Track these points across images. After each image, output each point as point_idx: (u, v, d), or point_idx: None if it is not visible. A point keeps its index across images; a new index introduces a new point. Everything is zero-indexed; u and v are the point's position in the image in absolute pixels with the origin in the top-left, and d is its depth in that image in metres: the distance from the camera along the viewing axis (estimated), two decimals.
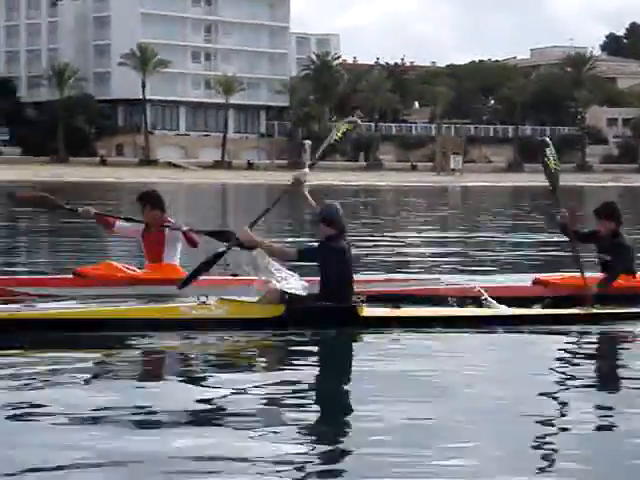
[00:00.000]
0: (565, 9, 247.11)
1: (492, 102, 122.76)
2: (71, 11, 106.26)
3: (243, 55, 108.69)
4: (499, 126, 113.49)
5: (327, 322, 8.73)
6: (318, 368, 7.78)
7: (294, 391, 6.72)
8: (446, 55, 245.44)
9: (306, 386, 6.98)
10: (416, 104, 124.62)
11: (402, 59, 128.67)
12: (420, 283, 11.00)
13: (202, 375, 7.22)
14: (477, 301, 9.66)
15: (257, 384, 6.87)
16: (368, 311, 8.88)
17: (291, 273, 9.14)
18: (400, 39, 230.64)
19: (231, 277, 10.90)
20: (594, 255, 10.83)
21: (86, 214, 11.11)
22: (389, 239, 20.34)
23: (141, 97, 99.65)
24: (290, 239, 17.78)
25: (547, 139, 10.80)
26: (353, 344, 8.50)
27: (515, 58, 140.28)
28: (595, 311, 9.51)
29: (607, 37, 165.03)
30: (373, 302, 9.13)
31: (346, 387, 7.09)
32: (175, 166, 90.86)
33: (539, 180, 12.55)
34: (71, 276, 10.78)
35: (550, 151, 10.43)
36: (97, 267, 10.91)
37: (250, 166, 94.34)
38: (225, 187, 61.82)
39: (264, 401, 6.44)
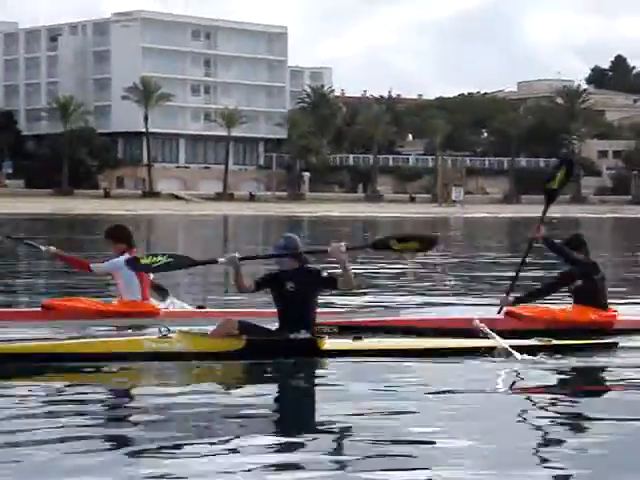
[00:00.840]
0: (538, 42, 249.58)
1: (485, 135, 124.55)
2: (70, 45, 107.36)
3: (242, 88, 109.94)
4: (494, 158, 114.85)
5: (287, 355, 8.73)
6: (278, 396, 7.91)
7: (253, 417, 6.90)
8: (426, 87, 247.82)
9: (265, 413, 7.15)
10: (410, 136, 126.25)
11: (389, 92, 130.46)
12: (382, 314, 11.26)
13: (162, 406, 7.20)
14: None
15: (218, 412, 6.99)
16: (329, 344, 8.92)
17: None
18: (381, 72, 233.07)
19: (198, 309, 11.18)
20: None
21: (50, 254, 11.39)
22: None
23: (141, 130, 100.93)
24: None
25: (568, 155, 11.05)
26: (312, 373, 8.55)
27: (503, 91, 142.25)
28: (555, 342, 9.53)
29: (592, 70, 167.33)
30: (343, 332, 9.62)
31: (306, 414, 7.22)
32: (178, 198, 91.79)
33: (537, 212, 12.65)
34: (39, 309, 10.90)
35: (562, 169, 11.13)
36: (65, 300, 11.11)
37: (252, 198, 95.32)
38: (228, 218, 62.50)
39: (224, 427, 6.50)
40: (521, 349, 9.13)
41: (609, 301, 10.90)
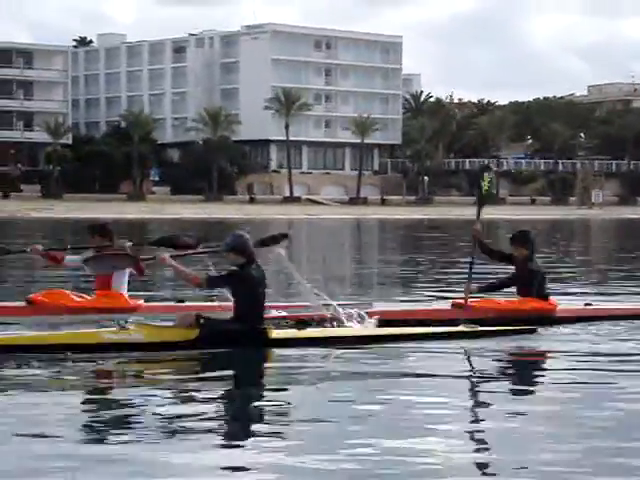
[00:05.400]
0: (539, 45, 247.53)
1: (582, 137, 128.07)
2: (198, 57, 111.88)
3: (359, 96, 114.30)
4: (603, 161, 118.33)
5: (238, 344, 9.26)
6: (230, 384, 8.32)
7: (206, 408, 7.12)
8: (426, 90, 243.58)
9: (217, 402, 7.46)
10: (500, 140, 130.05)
11: (451, 95, 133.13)
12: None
13: (117, 394, 7.63)
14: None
15: (170, 401, 7.31)
16: (277, 333, 9.57)
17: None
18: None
19: (178, 303, 11.44)
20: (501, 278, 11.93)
21: (35, 252, 11.71)
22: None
23: (268, 138, 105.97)
24: None
25: (491, 166, 12.46)
26: (262, 362, 9.14)
27: (573, 95, 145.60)
28: (481, 328, 10.27)
29: None
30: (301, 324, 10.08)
31: (258, 402, 7.53)
32: (316, 203, 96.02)
33: None
34: (24, 304, 11.15)
35: (489, 175, 11.70)
36: (49, 294, 11.31)
37: (383, 202, 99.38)
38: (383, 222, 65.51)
39: (176, 418, 6.70)
40: (449, 335, 10.10)
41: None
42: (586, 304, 12.02)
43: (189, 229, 40.19)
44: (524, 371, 9.12)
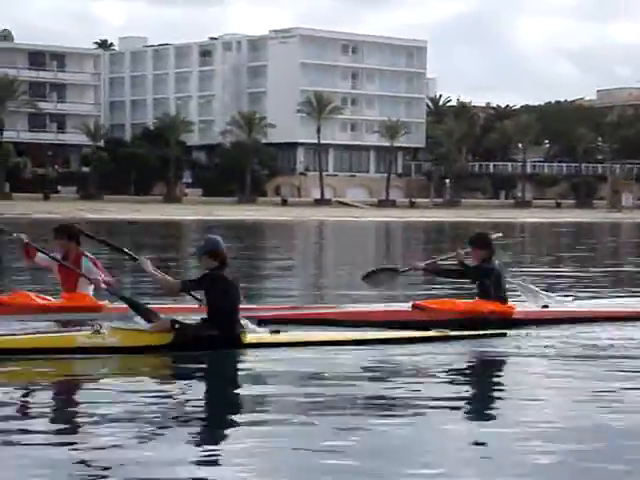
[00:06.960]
0: (528, 47, 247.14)
1: (600, 142, 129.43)
2: (227, 60, 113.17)
3: (384, 100, 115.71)
4: (626, 165, 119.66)
5: (213, 348, 9.27)
6: (203, 389, 8.29)
7: (177, 412, 7.11)
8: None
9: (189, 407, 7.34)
10: (519, 144, 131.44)
11: (458, 98, 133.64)
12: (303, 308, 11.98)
13: (91, 399, 7.41)
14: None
15: (144, 405, 7.14)
16: (251, 338, 9.54)
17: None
18: None
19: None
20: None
21: (18, 240, 11.52)
22: None
23: (296, 141, 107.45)
24: None
25: None
26: (236, 365, 9.02)
27: (583, 99, 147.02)
28: (452, 333, 10.18)
29: None
30: (265, 324, 10.24)
31: (230, 407, 7.48)
32: (347, 205, 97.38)
33: None
34: None
35: None
36: (13, 296, 11.36)
37: (412, 205, 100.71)
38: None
39: (149, 421, 6.64)
40: (419, 339, 10.05)
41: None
42: (544, 306, 11.93)
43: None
44: (492, 375, 9.08)
